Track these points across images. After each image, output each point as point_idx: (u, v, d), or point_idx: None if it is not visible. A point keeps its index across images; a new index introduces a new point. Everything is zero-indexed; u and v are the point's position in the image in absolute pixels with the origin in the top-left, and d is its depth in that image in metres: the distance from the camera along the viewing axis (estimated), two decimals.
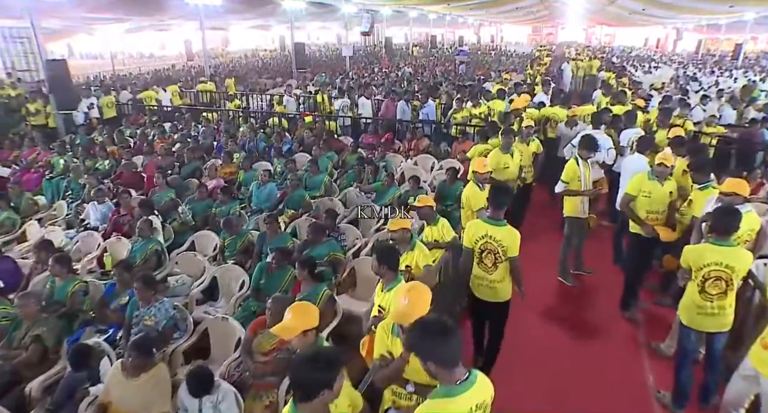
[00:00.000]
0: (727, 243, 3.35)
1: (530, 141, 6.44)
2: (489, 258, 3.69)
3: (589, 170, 5.24)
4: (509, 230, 3.64)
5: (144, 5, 16.73)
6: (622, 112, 7.93)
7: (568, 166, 5.20)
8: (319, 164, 7.68)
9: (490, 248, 3.67)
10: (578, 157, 5.19)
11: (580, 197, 5.23)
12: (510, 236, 3.61)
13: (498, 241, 3.62)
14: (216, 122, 11.38)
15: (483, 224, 3.71)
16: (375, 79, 19.20)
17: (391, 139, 9.41)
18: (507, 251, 3.62)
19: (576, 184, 5.17)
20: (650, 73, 23.92)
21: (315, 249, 4.99)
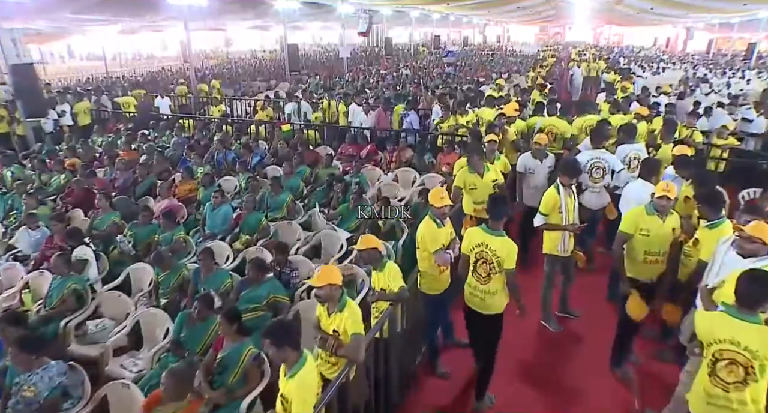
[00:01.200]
0: (751, 318, 2.56)
1: (495, 159, 5.60)
2: (483, 268, 3.62)
3: (573, 199, 4.46)
4: (506, 241, 3.54)
5: (129, 7, 16.10)
6: (621, 123, 7.18)
7: (546, 194, 4.44)
8: (289, 181, 6.99)
9: (485, 258, 3.60)
10: (559, 184, 4.41)
11: (562, 232, 4.46)
12: (506, 248, 3.51)
13: (493, 251, 3.54)
14: (192, 130, 10.71)
15: (480, 232, 3.64)
16: (369, 82, 18.47)
17: (373, 150, 8.68)
18: (502, 263, 3.53)
19: (556, 216, 4.40)
20: (658, 74, 23.05)
21: (255, 290, 4.28)
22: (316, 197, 6.79)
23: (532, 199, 5.41)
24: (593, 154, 5.29)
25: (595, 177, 5.24)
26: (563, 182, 4.39)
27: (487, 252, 3.56)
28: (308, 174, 7.51)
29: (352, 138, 8.89)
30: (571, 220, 4.41)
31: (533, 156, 5.54)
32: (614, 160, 5.27)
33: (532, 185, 5.57)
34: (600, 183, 5.23)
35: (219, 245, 5.49)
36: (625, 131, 5.74)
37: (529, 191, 5.63)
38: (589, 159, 5.24)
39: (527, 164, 5.61)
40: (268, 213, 6.41)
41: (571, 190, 4.44)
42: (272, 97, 15.57)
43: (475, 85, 16.07)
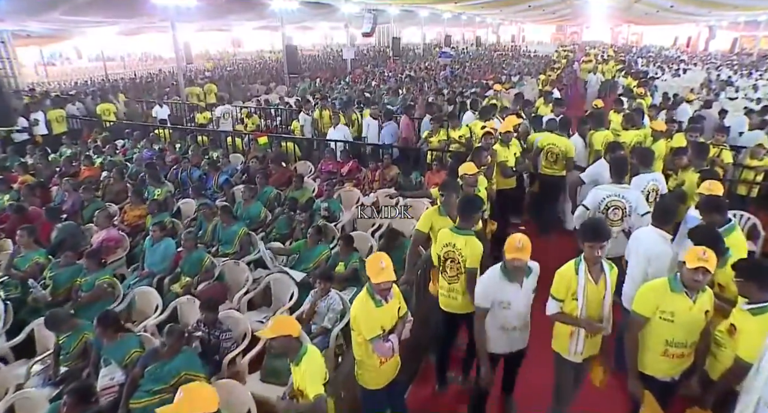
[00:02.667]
0: None
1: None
2: (451, 268, 3.55)
3: (600, 284, 2.99)
4: (471, 240, 3.46)
5: (115, 8, 15.38)
6: (633, 140, 6.17)
7: (559, 273, 3.08)
8: (249, 208, 6.11)
9: (452, 257, 3.54)
10: (581, 260, 3.01)
11: (575, 328, 3.11)
12: (470, 246, 3.44)
13: (459, 250, 3.47)
14: (167, 141, 9.89)
15: (449, 232, 3.56)
16: (371, 85, 17.52)
17: (355, 167, 7.75)
18: (466, 262, 3.45)
19: (570, 304, 3.05)
20: (678, 76, 21.74)
21: (165, 365, 3.40)
22: (278, 228, 5.90)
23: None
24: (612, 189, 4.29)
25: (612, 219, 4.26)
26: (587, 255, 2.96)
27: (453, 252, 3.49)
28: (273, 198, 6.61)
29: (331, 153, 7.96)
30: (589, 312, 2.99)
31: (509, 279, 3.15)
32: (638, 199, 4.21)
33: None
34: (617, 227, 4.23)
35: (143, 293, 4.62)
36: (640, 156, 4.72)
37: None
38: (606, 196, 4.27)
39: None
40: (220, 247, 5.54)
41: (600, 268, 3.00)
42: (270, 101, 14.88)
43: (482, 90, 15.07)
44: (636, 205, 4.12)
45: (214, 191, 7.33)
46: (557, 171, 6.01)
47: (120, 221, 6.36)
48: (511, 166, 5.58)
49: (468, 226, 3.50)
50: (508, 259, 2.89)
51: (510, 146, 5.62)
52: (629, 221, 4.19)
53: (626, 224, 4.20)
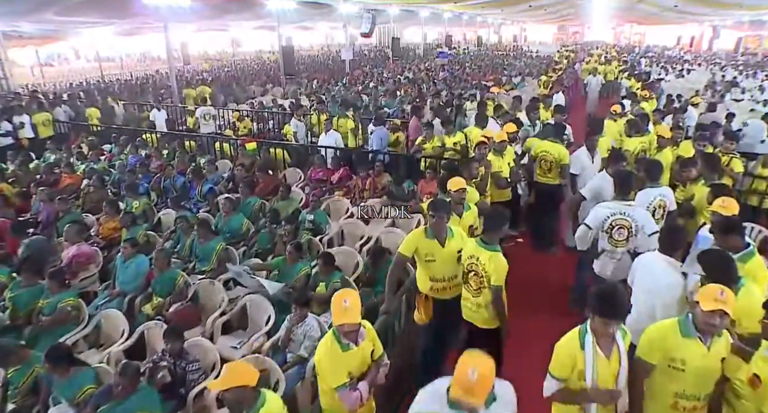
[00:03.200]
0: None
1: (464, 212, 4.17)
2: (474, 280, 3.44)
3: (605, 358, 2.46)
4: (496, 257, 3.31)
5: (106, 9, 15.08)
6: (637, 148, 5.82)
7: (560, 347, 2.54)
8: (229, 221, 5.77)
9: (475, 270, 3.41)
10: (587, 329, 2.48)
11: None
12: (494, 263, 3.29)
13: (482, 265, 3.34)
14: (153, 147, 9.57)
15: (473, 244, 3.45)
16: (369, 86, 17.15)
17: (346, 175, 7.41)
18: (489, 278, 3.32)
19: (575, 384, 2.49)
20: (682, 76, 21.33)
21: (119, 406, 3.07)
22: (259, 242, 5.56)
23: None
24: (616, 207, 3.92)
25: (616, 239, 3.91)
26: (599, 330, 2.42)
27: (477, 265, 3.37)
28: (257, 209, 6.27)
29: (322, 160, 7.62)
30: (601, 382, 2.44)
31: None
32: (645, 218, 3.83)
33: None
34: (622, 247, 3.88)
35: (110, 316, 4.28)
36: (647, 169, 4.36)
37: None
38: (610, 214, 3.91)
39: None
40: (197, 264, 5.21)
41: (610, 341, 2.46)
42: (265, 103, 14.53)
43: (481, 91, 14.70)
44: (643, 224, 3.77)
45: (198, 200, 7.00)
46: (552, 179, 5.66)
47: (96, 233, 6.03)
48: (506, 177, 5.24)
49: (494, 240, 3.36)
50: (451, 396, 2.11)
51: (504, 155, 5.28)
52: (635, 241, 3.84)
53: (632, 244, 3.86)
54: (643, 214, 3.83)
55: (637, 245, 3.83)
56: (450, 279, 3.54)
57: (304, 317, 3.84)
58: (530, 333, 3.94)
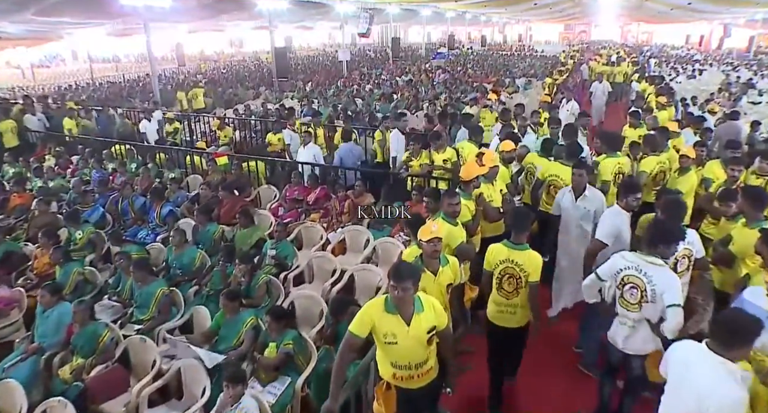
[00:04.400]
0: None
1: (441, 267, 3.26)
2: (509, 283, 3.43)
3: None
4: (530, 254, 3.39)
5: (90, 9, 14.34)
6: (654, 169, 4.99)
7: None
8: (181, 257, 4.98)
9: (510, 273, 3.42)
10: None
11: None
12: (531, 259, 3.37)
13: (520, 266, 3.38)
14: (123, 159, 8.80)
15: (503, 248, 3.45)
16: (365, 89, 16.32)
17: (324, 195, 6.60)
18: (529, 277, 3.37)
19: None
20: (694, 77, 20.37)
21: None
22: (212, 282, 4.77)
23: None
24: (632, 260, 3.00)
25: (627, 300, 3.04)
26: None
27: (513, 268, 3.41)
28: (218, 238, 5.48)
29: (299, 177, 6.81)
30: None
31: None
32: (668, 282, 2.86)
33: None
34: (635, 313, 3.01)
35: (8, 388, 3.49)
36: (669, 211, 3.44)
37: None
38: (623, 267, 3.03)
39: None
40: (134, 311, 4.42)
41: None
42: (253, 108, 13.68)
43: (482, 94, 13.82)
44: (663, 290, 2.85)
45: (157, 224, 6.23)
46: None
47: (31, 268, 5.26)
48: (498, 206, 4.41)
49: (522, 239, 3.42)
50: None
51: (496, 180, 4.44)
52: (650, 309, 2.94)
53: (646, 312, 2.96)
54: (667, 276, 2.89)
55: (649, 315, 2.96)
56: (418, 366, 2.70)
57: (239, 396, 3.05)
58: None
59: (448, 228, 3.59)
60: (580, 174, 4.22)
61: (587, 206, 4.23)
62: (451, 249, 3.61)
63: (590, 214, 4.21)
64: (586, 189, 4.24)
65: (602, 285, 3.22)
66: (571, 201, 4.32)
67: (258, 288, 4.44)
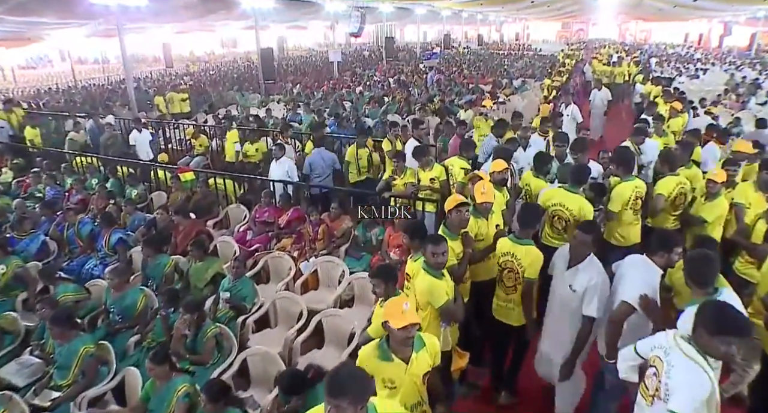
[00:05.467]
0: None
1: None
2: (509, 278, 3.35)
3: None
4: (530, 250, 3.27)
5: (59, 9, 13.52)
6: (673, 192, 4.25)
7: None
8: (123, 298, 4.22)
9: (511, 267, 3.33)
10: None
11: None
12: (531, 256, 3.24)
13: (518, 260, 3.27)
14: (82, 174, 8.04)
15: (507, 241, 3.38)
16: (355, 92, 15.54)
17: (297, 216, 5.85)
18: (525, 272, 3.24)
19: None
20: (697, 77, 19.67)
21: None
22: (154, 333, 4.01)
23: None
24: (667, 341, 2.24)
25: (645, 388, 2.30)
26: None
27: (513, 261, 3.30)
28: (170, 273, 4.72)
29: (269, 196, 6.05)
30: None
31: None
32: (689, 381, 2.09)
33: None
34: (647, 407, 2.27)
35: None
36: (695, 270, 2.58)
37: None
38: (656, 345, 2.29)
39: None
40: (54, 374, 3.66)
41: None
42: (236, 113, 12.89)
43: (479, 96, 13.07)
44: (675, 389, 2.11)
45: (106, 254, 5.47)
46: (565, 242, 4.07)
47: None
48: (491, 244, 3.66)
49: (527, 234, 3.36)
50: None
51: (492, 215, 3.67)
52: (657, 410, 2.21)
53: (657, 408, 2.21)
54: (690, 374, 2.07)
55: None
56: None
57: None
58: None
59: (429, 282, 2.86)
60: (583, 240, 3.10)
61: (575, 286, 3.12)
62: (434, 310, 2.87)
63: (576, 297, 3.12)
64: (587, 259, 3.14)
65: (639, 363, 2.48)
66: (561, 269, 3.30)
67: (205, 343, 3.70)
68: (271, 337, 4.28)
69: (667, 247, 2.87)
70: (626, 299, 2.81)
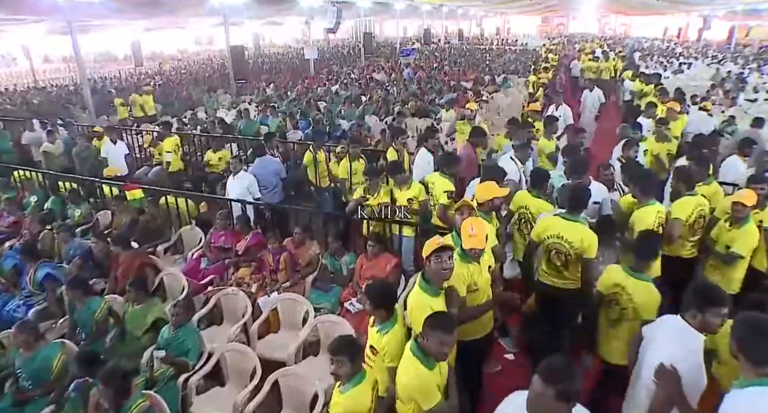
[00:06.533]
0: None
1: None
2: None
3: None
4: (647, 287, 2.85)
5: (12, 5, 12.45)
6: (692, 215, 3.64)
7: None
8: (32, 361, 3.45)
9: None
10: None
11: None
12: (643, 293, 2.83)
13: (629, 294, 2.89)
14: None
15: (619, 271, 2.99)
16: (332, 91, 14.72)
17: (257, 242, 5.09)
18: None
19: None
20: (681, 72, 19.25)
21: None
22: (71, 405, 3.26)
23: None
24: None
25: None
26: None
27: (621, 294, 2.95)
28: (102, 320, 3.95)
29: (225, 218, 5.29)
30: None
31: None
32: None
33: None
34: None
35: None
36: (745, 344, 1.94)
37: None
38: None
39: None
40: None
41: None
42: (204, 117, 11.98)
43: (461, 94, 12.41)
44: None
45: (31, 292, 4.67)
46: (569, 282, 3.39)
47: None
48: (486, 297, 2.95)
49: (645, 269, 2.95)
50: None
51: (482, 257, 2.97)
52: None
53: None
54: None
55: None
56: None
57: None
58: None
59: (417, 374, 2.21)
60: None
61: None
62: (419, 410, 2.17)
63: None
64: None
65: None
66: None
67: None
68: (220, 398, 3.56)
69: (703, 306, 2.23)
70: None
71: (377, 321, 2.60)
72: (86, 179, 6.75)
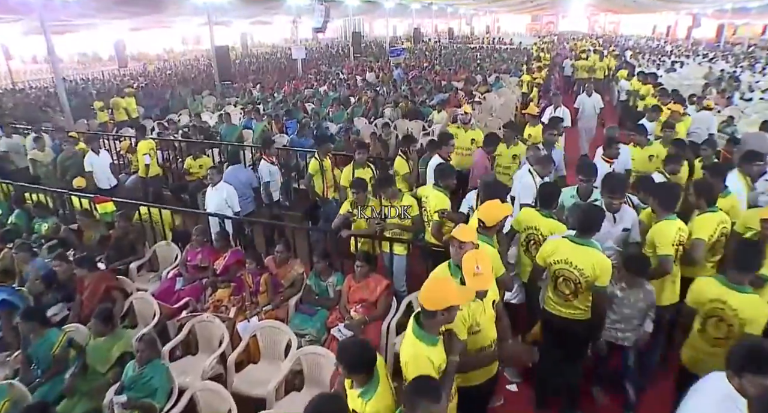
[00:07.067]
0: None
1: None
2: (719, 328, 2.75)
3: None
4: (753, 300, 2.65)
5: None
6: (712, 232, 3.33)
7: None
8: None
9: (720, 315, 2.73)
10: None
11: None
12: (751, 308, 2.62)
13: (734, 310, 2.66)
14: None
15: (718, 285, 2.73)
16: (320, 92, 14.28)
17: (237, 261, 4.68)
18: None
19: None
20: (674, 70, 19.04)
21: None
22: None
23: None
24: None
25: None
26: None
27: (723, 310, 2.71)
28: (62, 356, 3.53)
29: (203, 234, 4.88)
30: None
31: None
32: None
33: None
34: None
35: None
36: None
37: None
38: None
39: None
40: None
41: None
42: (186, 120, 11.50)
43: (453, 94, 12.07)
44: None
45: None
46: (578, 312, 3.04)
47: None
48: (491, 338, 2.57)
49: (743, 280, 2.70)
50: None
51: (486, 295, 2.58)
52: None
53: None
54: None
55: None
56: None
57: None
58: None
59: None
60: None
61: None
62: None
63: None
64: None
65: None
66: None
67: None
68: None
69: (743, 370, 1.89)
70: None
71: (356, 384, 2.23)
72: (54, 191, 6.28)
